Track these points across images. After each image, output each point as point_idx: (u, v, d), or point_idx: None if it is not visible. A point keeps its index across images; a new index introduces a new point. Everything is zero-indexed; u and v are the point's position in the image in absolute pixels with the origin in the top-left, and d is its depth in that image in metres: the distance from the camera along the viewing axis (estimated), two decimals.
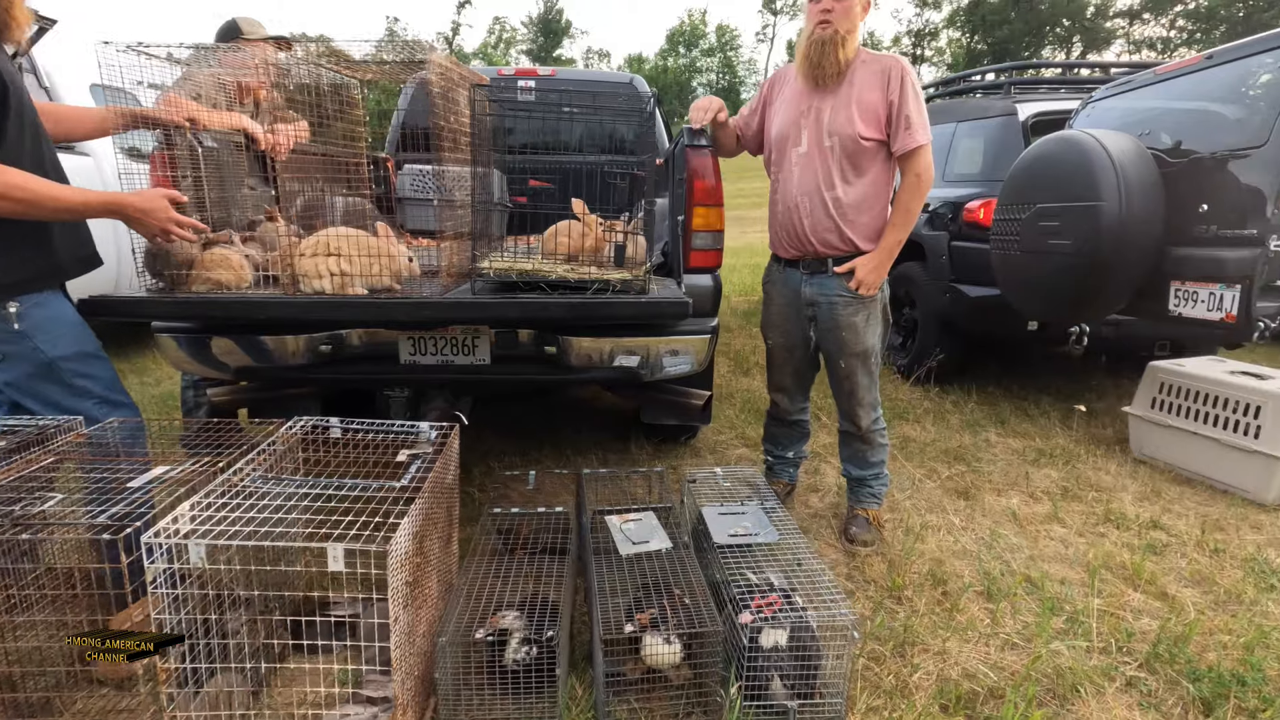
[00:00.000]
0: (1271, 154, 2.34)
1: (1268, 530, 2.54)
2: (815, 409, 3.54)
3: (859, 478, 2.48)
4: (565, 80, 4.18)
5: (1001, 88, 4.06)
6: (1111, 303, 2.84)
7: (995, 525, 2.55)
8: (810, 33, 2.09)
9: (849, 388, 2.36)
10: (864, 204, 2.16)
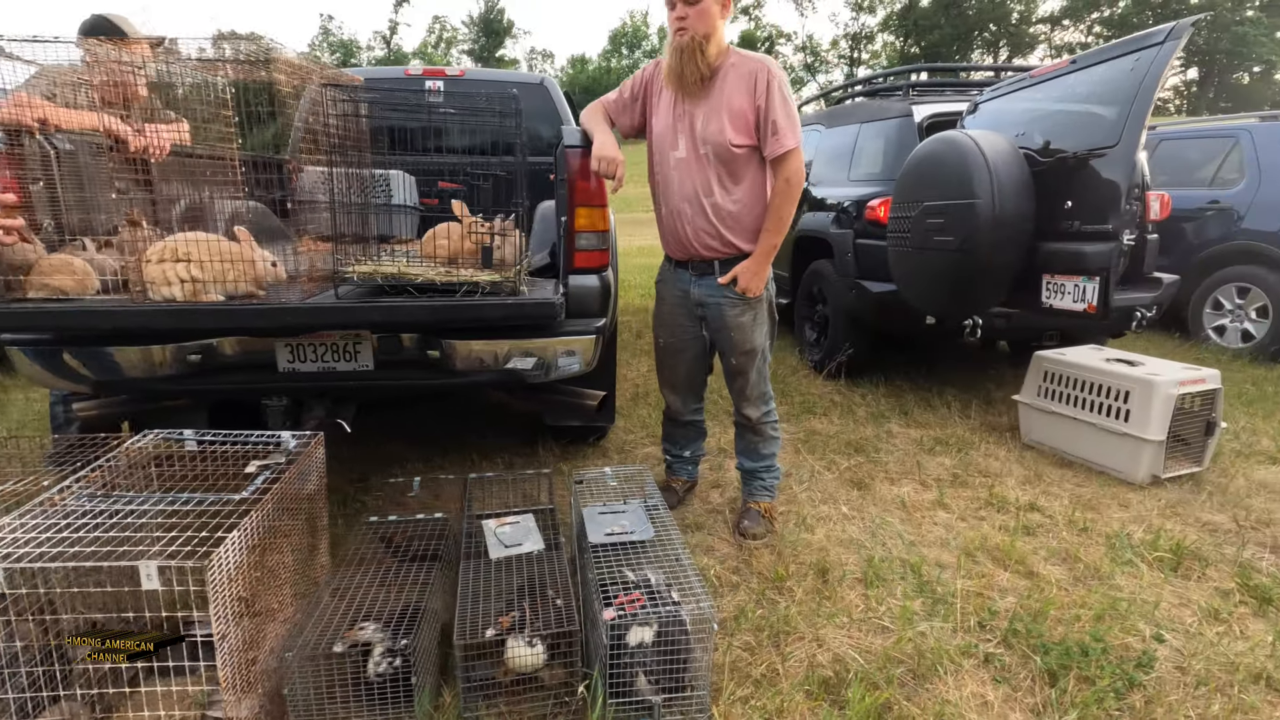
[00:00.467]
0: (1122, 153, 2.49)
1: (1134, 508, 2.69)
2: (723, 407, 3.60)
3: (751, 470, 2.53)
4: (473, 81, 4.13)
5: (901, 90, 4.20)
6: (991, 296, 2.97)
7: (884, 513, 2.63)
8: (670, 41, 2.10)
9: (740, 384, 2.42)
10: (744, 208, 2.20)
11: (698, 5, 2.04)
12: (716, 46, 2.11)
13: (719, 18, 2.09)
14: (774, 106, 2.07)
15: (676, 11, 2.07)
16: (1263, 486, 2.88)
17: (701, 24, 2.06)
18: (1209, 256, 5.03)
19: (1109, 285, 2.58)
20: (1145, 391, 2.84)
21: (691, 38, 2.06)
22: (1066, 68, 2.92)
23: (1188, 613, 2.04)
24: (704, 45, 2.07)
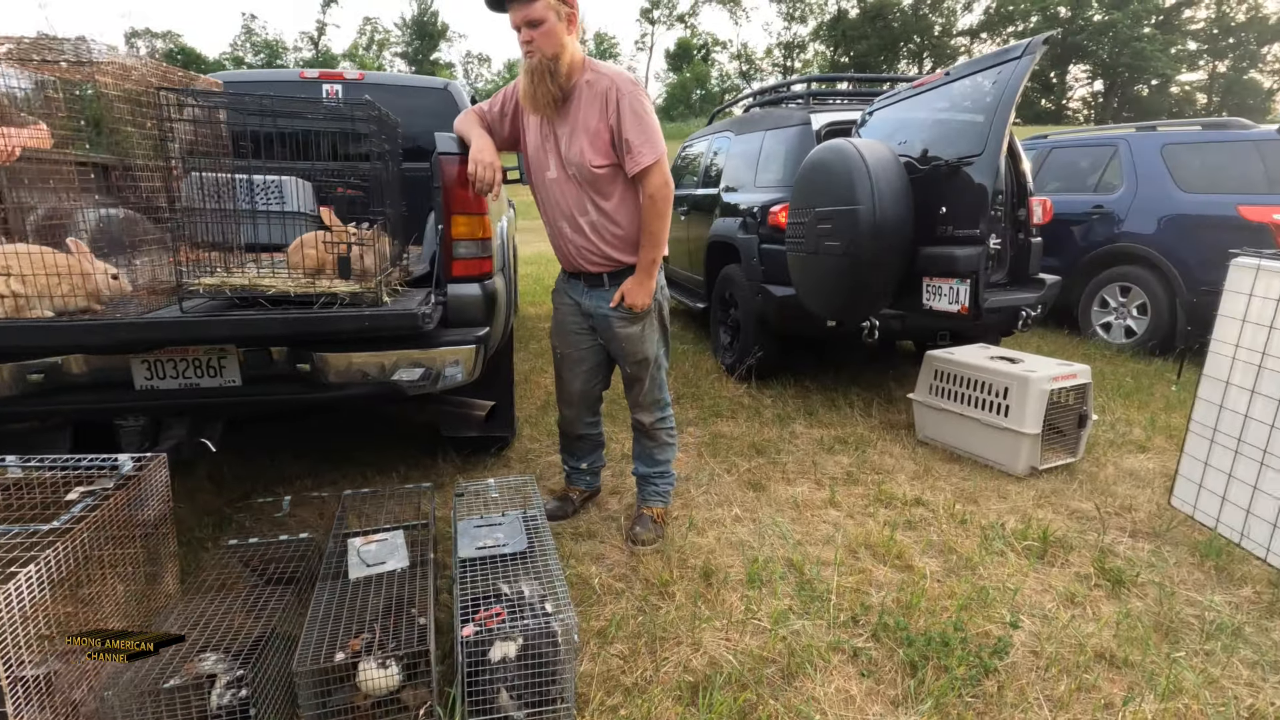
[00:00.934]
0: (987, 161, 2.62)
1: (1012, 499, 2.82)
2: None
3: (645, 475, 2.53)
4: (373, 85, 4.03)
5: (803, 98, 4.32)
6: (877, 299, 3.08)
7: (776, 514, 2.67)
8: (523, 64, 2.08)
9: (635, 391, 2.43)
10: (621, 224, 2.19)
11: (541, 27, 2.00)
12: (568, 65, 2.07)
13: (565, 35, 2.05)
14: (626, 125, 2.05)
15: (522, 35, 2.03)
16: (1130, 474, 3.06)
17: (548, 44, 2.01)
18: (1094, 258, 5.34)
19: (979, 287, 2.70)
20: (1021, 387, 2.98)
21: (540, 59, 2.02)
22: (942, 79, 3.05)
23: (1048, 598, 2.14)
24: (553, 66, 2.04)
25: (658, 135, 2.11)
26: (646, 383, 2.37)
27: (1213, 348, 2.65)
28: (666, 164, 2.14)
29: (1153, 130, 5.33)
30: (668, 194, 2.13)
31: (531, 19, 1.98)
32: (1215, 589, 2.20)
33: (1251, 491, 2.45)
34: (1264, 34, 46.31)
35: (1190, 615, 2.05)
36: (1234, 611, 2.08)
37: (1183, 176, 4.88)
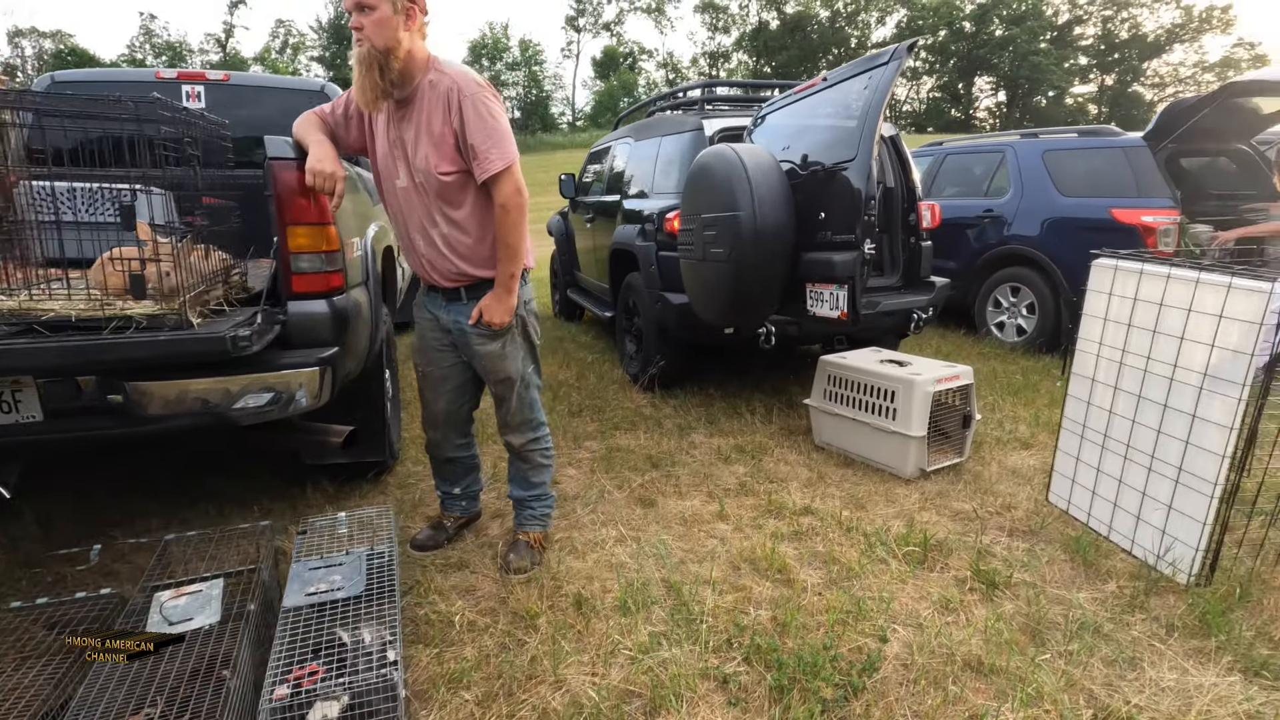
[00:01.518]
0: (860, 166, 2.62)
1: (899, 502, 2.82)
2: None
3: (520, 498, 2.40)
4: (241, 86, 3.76)
5: (696, 104, 4.29)
6: (763, 305, 3.05)
7: (663, 531, 2.58)
8: (354, 53, 1.93)
9: (503, 410, 2.29)
10: (474, 235, 2.06)
11: (373, 14, 1.85)
12: (405, 62, 1.93)
13: (402, 29, 1.90)
14: (470, 128, 1.92)
15: (352, 20, 1.88)
16: (1013, 472, 3.12)
17: (379, 35, 1.86)
18: (986, 260, 5.54)
19: (855, 292, 2.70)
20: (907, 390, 3.00)
21: (370, 49, 1.87)
22: (820, 85, 3.06)
23: (924, 605, 2.12)
24: (384, 60, 1.89)
25: (507, 140, 1.98)
26: (514, 402, 2.23)
27: (1079, 346, 2.72)
28: (519, 171, 2.02)
29: (1035, 137, 5.57)
30: (521, 203, 2.01)
31: (363, 2, 1.84)
32: (1083, 585, 2.24)
33: (1117, 485, 2.52)
34: (1144, 50, 50.21)
35: (1057, 615, 2.07)
36: (1098, 608, 2.11)
37: (1062, 181, 5.12)
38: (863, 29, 59.21)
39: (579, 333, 6.12)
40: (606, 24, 60.80)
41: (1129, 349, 2.50)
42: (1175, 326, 2.32)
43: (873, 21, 59.14)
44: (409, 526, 2.61)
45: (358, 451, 2.63)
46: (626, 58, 56.16)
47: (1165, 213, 4.51)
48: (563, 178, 5.99)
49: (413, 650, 1.88)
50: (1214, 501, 2.17)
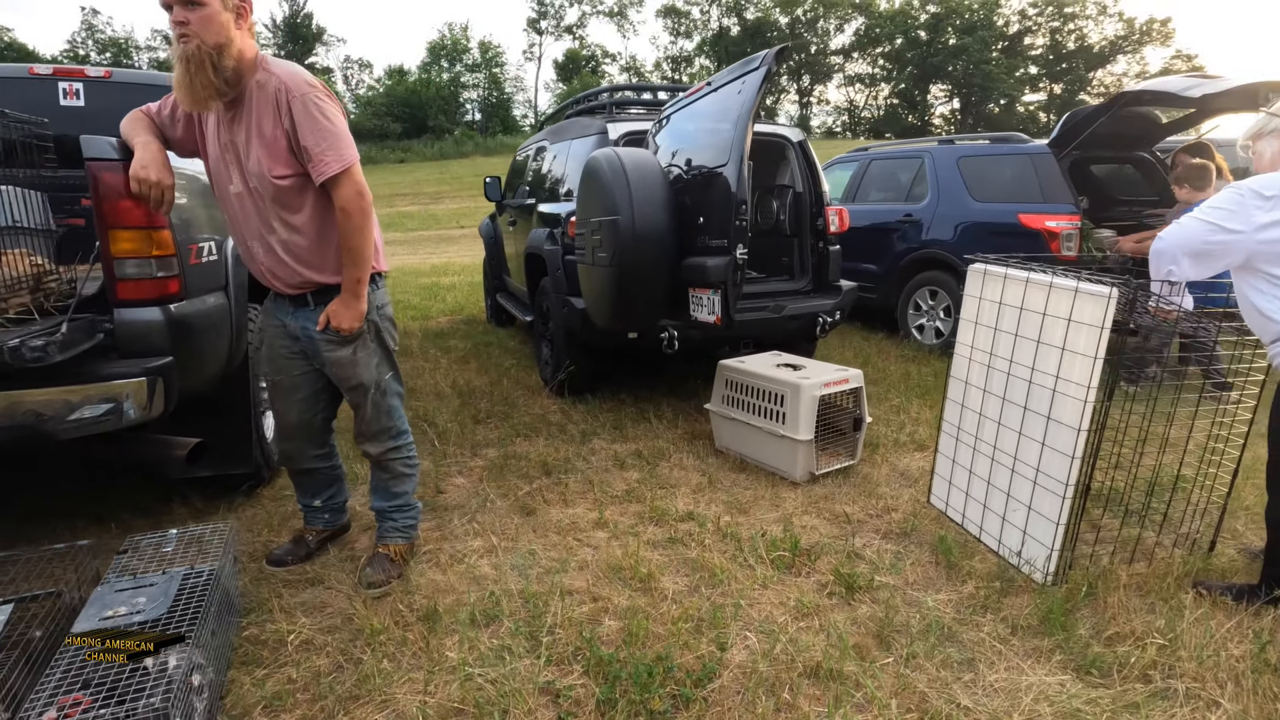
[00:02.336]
0: (731, 171, 2.62)
1: (784, 507, 2.83)
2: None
3: (382, 510, 2.33)
4: (122, 84, 3.61)
5: (605, 108, 4.27)
6: (647, 310, 3.03)
7: (539, 540, 2.54)
8: (175, 49, 1.85)
9: (358, 419, 2.22)
10: (316, 240, 1.99)
11: (200, 11, 1.78)
12: (236, 60, 1.86)
13: (233, 28, 1.84)
14: (301, 129, 1.86)
15: (175, 14, 1.79)
16: (902, 474, 3.15)
17: (208, 32, 1.79)
18: (907, 263, 5.63)
19: (729, 297, 2.69)
20: (795, 394, 3.01)
21: (198, 46, 1.79)
22: (705, 89, 3.06)
23: (781, 611, 2.11)
24: (215, 57, 1.81)
25: (343, 141, 1.92)
26: (369, 410, 2.17)
27: (956, 349, 2.76)
28: (360, 173, 1.96)
29: (952, 144, 5.69)
30: (363, 205, 1.95)
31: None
32: (942, 587, 2.26)
33: (986, 487, 2.55)
34: (1090, 61, 52.04)
35: (910, 618, 2.08)
36: (952, 610, 2.12)
37: (975, 187, 5.23)
38: (822, 35, 60.21)
39: (507, 338, 6.05)
40: (569, 27, 60.67)
41: (994, 352, 2.54)
42: (1033, 330, 2.36)
43: (831, 29, 60.19)
44: (273, 541, 2.52)
45: (219, 464, 2.53)
46: (589, 61, 56.09)
47: (1067, 218, 4.63)
48: (488, 180, 5.91)
49: (238, 673, 1.81)
50: (1065, 501, 2.21)
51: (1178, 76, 4.43)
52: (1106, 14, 52.97)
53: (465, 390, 4.38)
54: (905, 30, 55.69)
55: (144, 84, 3.71)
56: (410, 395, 4.29)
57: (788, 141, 4.21)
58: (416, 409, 4.02)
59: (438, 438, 3.55)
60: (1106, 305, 2.06)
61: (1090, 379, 2.10)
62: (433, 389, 4.42)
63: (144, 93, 3.67)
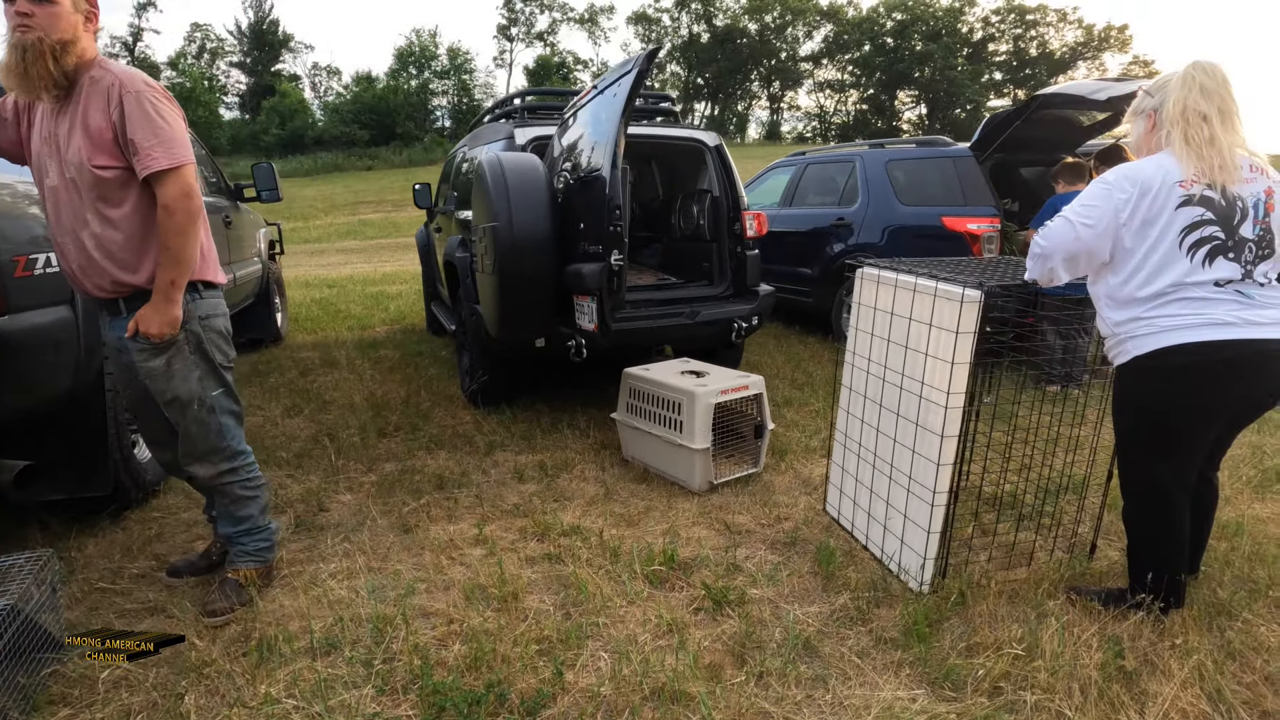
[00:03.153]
0: (606, 175, 2.56)
1: (674, 519, 2.76)
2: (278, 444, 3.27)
3: (229, 535, 2.21)
4: None
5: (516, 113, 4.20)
6: (532, 318, 2.95)
7: (413, 558, 2.45)
8: (10, 38, 1.79)
9: (181, 437, 2.09)
10: (132, 239, 1.90)
11: (51, 8, 1.78)
12: (79, 57, 1.84)
13: (81, 28, 1.84)
14: (131, 123, 1.81)
15: (18, 6, 1.76)
16: (804, 482, 3.11)
17: (54, 27, 1.78)
18: (839, 267, 5.61)
19: (604, 305, 2.63)
20: (690, 402, 2.95)
21: (40, 38, 1.76)
22: (593, 93, 3.00)
23: (644, 629, 2.04)
24: (58, 51, 1.79)
25: (177, 142, 1.85)
26: (190, 428, 2.03)
27: (845, 357, 2.73)
28: (192, 177, 1.88)
29: (882, 147, 5.71)
30: (190, 207, 1.87)
31: None
32: (817, 599, 2.21)
33: (869, 494, 2.51)
34: (1052, 67, 53.18)
35: (775, 632, 2.02)
36: (821, 623, 2.07)
37: (902, 190, 5.24)
38: (791, 42, 60.82)
39: (441, 348, 5.94)
40: (540, 33, 60.62)
41: (873, 358, 2.51)
42: (903, 335, 2.32)
43: (800, 35, 60.83)
44: (127, 566, 2.40)
45: (73, 486, 2.40)
46: (560, 68, 56.02)
47: (988, 220, 4.65)
48: (417, 187, 5.82)
49: (42, 716, 1.69)
50: (936, 509, 2.17)
51: (1090, 80, 4.48)
52: (1066, 21, 54.29)
53: (380, 402, 4.27)
54: (873, 37, 56.48)
55: None
56: (321, 409, 4.17)
57: (704, 146, 4.17)
58: (323, 423, 3.90)
59: (336, 453, 3.43)
60: (960, 307, 2.03)
61: (949, 384, 2.07)
62: (346, 402, 4.30)
63: None
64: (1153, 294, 1.79)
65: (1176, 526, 1.96)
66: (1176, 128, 1.78)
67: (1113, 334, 1.91)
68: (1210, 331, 1.74)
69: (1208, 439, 1.91)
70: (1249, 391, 1.81)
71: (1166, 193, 1.76)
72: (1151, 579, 1.98)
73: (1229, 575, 2.28)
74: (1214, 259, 1.76)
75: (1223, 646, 1.94)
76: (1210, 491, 2.12)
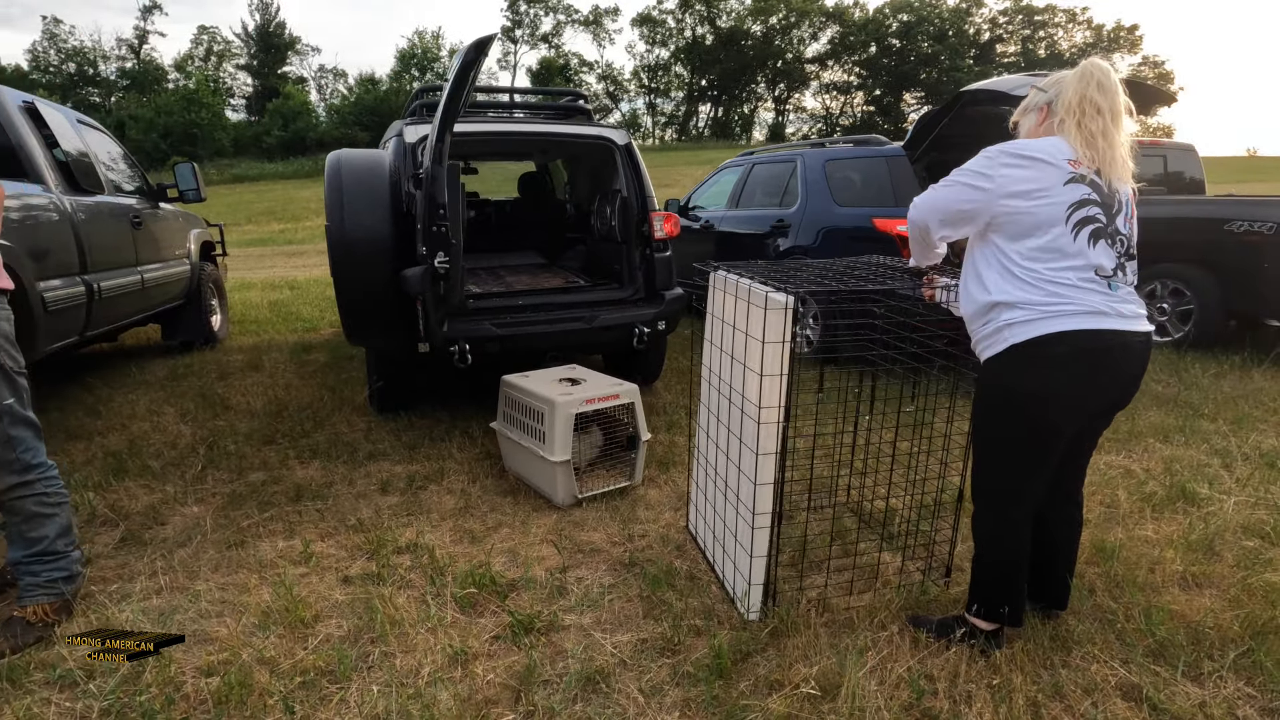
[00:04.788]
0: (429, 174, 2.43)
1: (529, 534, 2.61)
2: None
3: (17, 562, 2.05)
4: None
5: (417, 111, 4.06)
6: (373, 324, 2.82)
7: (224, 577, 2.32)
8: None
9: None
10: None
11: None
12: None
13: None
14: None
15: None
16: (677, 499, 2.94)
17: None
18: None
19: (428, 309, 2.49)
20: (551, 411, 2.81)
21: None
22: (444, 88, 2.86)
23: (432, 660, 1.90)
24: None
25: None
26: None
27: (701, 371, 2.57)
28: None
29: (822, 147, 5.54)
30: None
31: None
32: (637, 626, 2.06)
33: (714, 513, 2.36)
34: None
35: (571, 665, 1.87)
36: (630, 653, 1.92)
37: (838, 191, 5.07)
38: (797, 44, 60.51)
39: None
40: (544, 36, 60.69)
41: (713, 370, 2.36)
42: (729, 344, 2.17)
43: (806, 36, 60.49)
44: None
45: None
46: (563, 69, 56.04)
47: None
48: None
49: None
50: (757, 531, 2.02)
51: (1015, 75, 4.29)
52: (1075, 22, 53.74)
53: (280, 407, 4.14)
54: (879, 38, 56.09)
55: None
56: (216, 415, 4.06)
57: (614, 145, 4.03)
58: (211, 429, 3.78)
59: (207, 461, 3.31)
60: (765, 315, 1.88)
61: (760, 398, 1.91)
62: (246, 407, 4.18)
63: None
64: (1036, 274, 1.66)
65: (1024, 544, 1.84)
66: (1072, 117, 1.69)
67: (986, 320, 1.75)
68: (1091, 320, 1.63)
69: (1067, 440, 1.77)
70: (1114, 383, 1.70)
71: (1057, 166, 1.66)
72: (990, 600, 1.86)
73: (1089, 605, 2.11)
74: (1097, 241, 1.66)
75: (1049, 686, 1.78)
76: (1078, 513, 1.98)
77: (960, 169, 1.77)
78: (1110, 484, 3.00)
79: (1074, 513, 1.95)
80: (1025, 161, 1.67)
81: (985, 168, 1.71)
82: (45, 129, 3.76)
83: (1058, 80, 1.77)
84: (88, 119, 4.67)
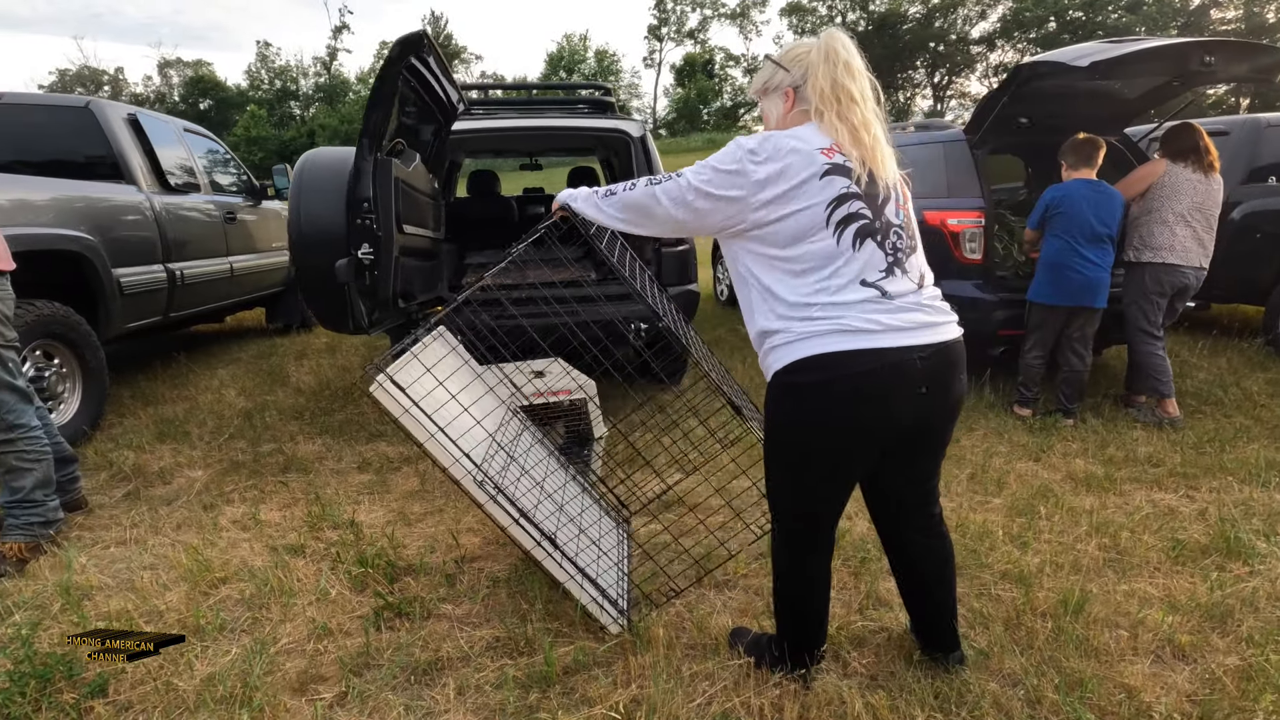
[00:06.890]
0: (355, 165, 2.49)
1: (462, 520, 2.66)
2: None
3: (2, 504, 2.43)
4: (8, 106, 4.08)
5: None
6: (334, 312, 2.94)
7: (178, 537, 2.57)
8: None
9: None
10: None
11: None
12: None
13: None
14: None
15: None
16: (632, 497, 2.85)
17: None
18: None
19: (351, 299, 2.57)
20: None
21: None
22: None
23: (295, 633, 1.99)
24: None
25: None
26: None
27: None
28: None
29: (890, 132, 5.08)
30: None
31: None
32: (501, 623, 2.03)
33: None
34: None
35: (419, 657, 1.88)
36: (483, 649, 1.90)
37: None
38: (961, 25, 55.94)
39: None
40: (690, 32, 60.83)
41: None
42: None
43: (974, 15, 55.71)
44: None
45: None
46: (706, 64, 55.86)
47: (971, 214, 4.00)
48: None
49: None
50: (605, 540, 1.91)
51: (1079, 45, 3.69)
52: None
53: (322, 386, 4.52)
54: (1059, 12, 50.40)
55: (20, 104, 4.17)
56: (270, 390, 4.49)
57: (628, 137, 3.97)
58: (259, 403, 4.19)
59: (235, 432, 3.68)
60: None
61: None
62: (297, 385, 4.60)
63: (20, 110, 4.15)
64: (799, 286, 1.45)
65: (819, 592, 1.66)
66: (830, 108, 1.48)
67: (759, 340, 1.57)
68: (842, 340, 1.40)
69: (865, 468, 1.54)
70: (885, 413, 1.43)
71: (809, 157, 1.44)
72: (788, 637, 1.70)
73: (1011, 664, 1.79)
74: (863, 241, 1.44)
75: None
76: (939, 543, 1.70)
77: (704, 164, 1.52)
78: (1136, 525, 2.51)
79: (934, 543, 1.67)
80: (777, 155, 1.44)
81: (729, 162, 1.48)
82: (144, 138, 4.36)
83: (799, 59, 1.54)
84: (196, 127, 5.35)
